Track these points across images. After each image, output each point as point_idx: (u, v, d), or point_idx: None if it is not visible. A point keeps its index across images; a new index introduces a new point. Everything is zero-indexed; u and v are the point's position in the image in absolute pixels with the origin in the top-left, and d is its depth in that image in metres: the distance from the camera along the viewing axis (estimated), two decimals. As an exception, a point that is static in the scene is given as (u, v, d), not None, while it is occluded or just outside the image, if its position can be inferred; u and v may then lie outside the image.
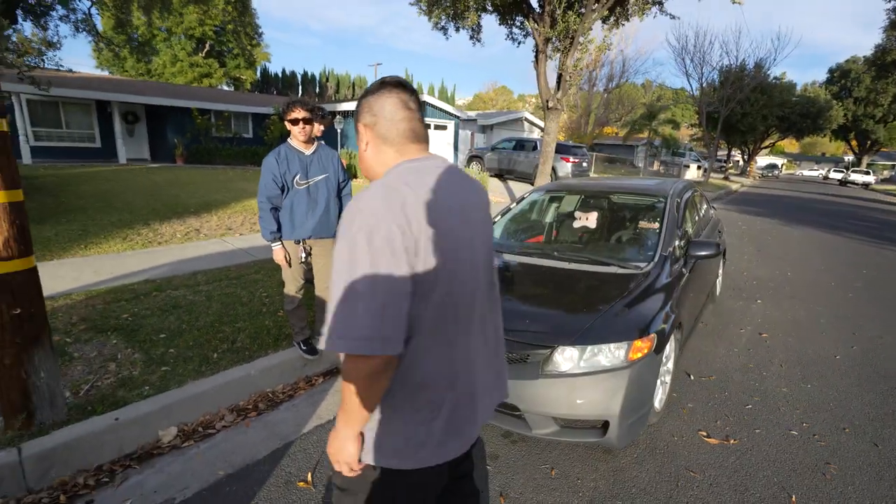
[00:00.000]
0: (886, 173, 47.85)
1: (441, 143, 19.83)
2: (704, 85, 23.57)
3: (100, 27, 15.53)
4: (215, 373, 2.86)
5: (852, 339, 3.98)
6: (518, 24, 9.41)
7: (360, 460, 1.04)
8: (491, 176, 15.46)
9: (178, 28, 30.77)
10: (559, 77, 8.67)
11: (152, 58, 30.84)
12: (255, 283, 4.45)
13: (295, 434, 2.50)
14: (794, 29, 40.89)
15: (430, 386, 1.03)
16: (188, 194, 9.13)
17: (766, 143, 36.17)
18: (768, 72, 25.24)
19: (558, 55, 8.64)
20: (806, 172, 52.18)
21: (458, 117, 20.36)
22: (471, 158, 17.44)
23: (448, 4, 8.52)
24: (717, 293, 4.84)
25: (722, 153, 35.95)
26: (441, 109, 19.36)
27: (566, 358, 2.20)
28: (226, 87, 35.44)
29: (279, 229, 2.90)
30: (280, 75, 45.12)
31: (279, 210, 2.90)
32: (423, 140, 1.11)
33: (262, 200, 2.85)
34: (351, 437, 1.02)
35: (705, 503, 2.03)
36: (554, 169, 14.10)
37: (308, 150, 2.93)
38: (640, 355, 2.20)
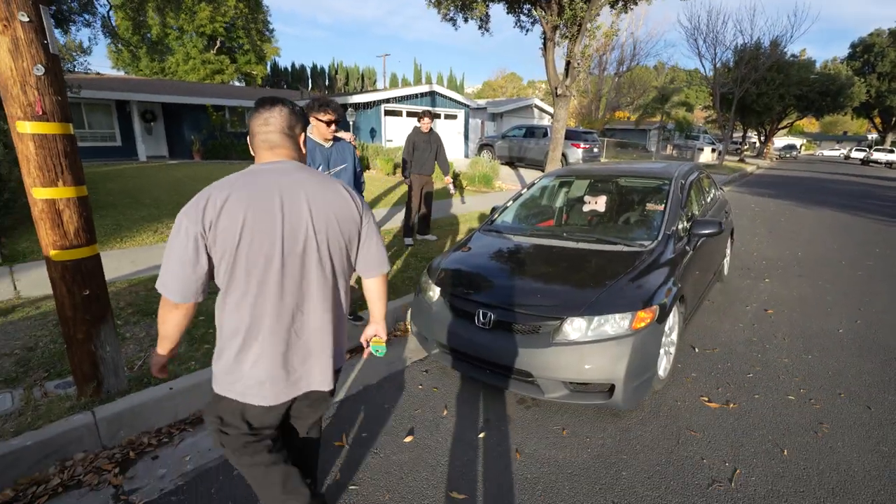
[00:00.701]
0: (912, 151, 46.26)
1: (451, 133, 19.91)
2: (718, 65, 23.12)
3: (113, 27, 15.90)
4: (253, 350, 3.13)
5: (857, 315, 4.10)
6: (526, 11, 9.44)
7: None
8: (502, 164, 15.55)
9: (189, 26, 31.14)
10: (567, 64, 8.72)
11: (166, 56, 31.32)
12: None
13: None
14: (812, 3, 39.46)
15: (224, 333, 1.39)
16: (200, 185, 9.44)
17: (784, 123, 35.31)
18: (785, 49, 24.61)
19: (566, 42, 8.68)
20: (826, 152, 50.81)
21: (467, 106, 20.39)
22: (481, 147, 17.52)
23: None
24: (726, 272, 4.97)
25: (737, 135, 35.24)
26: (450, 98, 19.41)
27: (575, 328, 2.40)
28: (237, 83, 35.84)
29: None
30: (290, 69, 45.38)
31: None
32: (277, 147, 1.42)
33: None
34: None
35: (703, 457, 2.23)
36: (565, 155, 14.13)
37: (327, 143, 3.16)
38: (643, 325, 2.39)
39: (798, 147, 46.47)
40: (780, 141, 45.94)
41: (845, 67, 33.28)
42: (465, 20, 9.36)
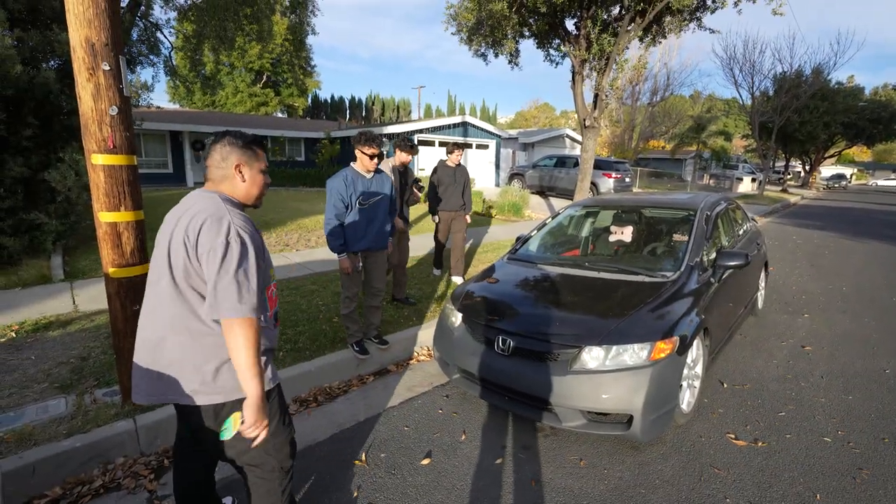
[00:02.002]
0: (977, 181, 43.19)
1: (483, 162, 20.26)
2: (756, 94, 22.67)
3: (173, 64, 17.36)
4: (281, 369, 3.28)
5: (905, 354, 3.86)
6: (555, 46, 9.72)
7: None
8: (533, 193, 15.64)
9: (239, 62, 33.57)
10: (595, 96, 8.85)
11: (218, 91, 33.75)
12: (311, 293, 4.91)
13: (350, 422, 2.84)
14: (858, 29, 38.28)
15: None
16: (249, 214, 9.97)
17: (831, 151, 33.88)
18: (829, 77, 23.90)
19: (595, 75, 8.84)
20: (881, 182, 48.04)
21: (499, 136, 20.77)
22: (512, 176, 17.72)
23: (487, 33, 8.99)
24: (760, 306, 4.80)
25: (780, 164, 34.04)
26: (482, 129, 19.85)
27: (593, 357, 2.42)
28: (279, 115, 38.00)
29: (345, 242, 3.32)
30: (329, 101, 47.74)
31: (343, 226, 3.32)
32: (208, 179, 1.60)
33: (331, 217, 3.28)
34: None
35: (726, 496, 2.16)
36: (595, 185, 14.10)
37: (369, 175, 3.37)
38: (662, 356, 2.38)
39: (848, 176, 44.28)
40: (827, 170, 43.96)
41: (896, 95, 31.83)
42: (496, 55, 9.73)
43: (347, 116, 45.72)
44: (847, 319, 4.74)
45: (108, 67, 2.20)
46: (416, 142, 4.44)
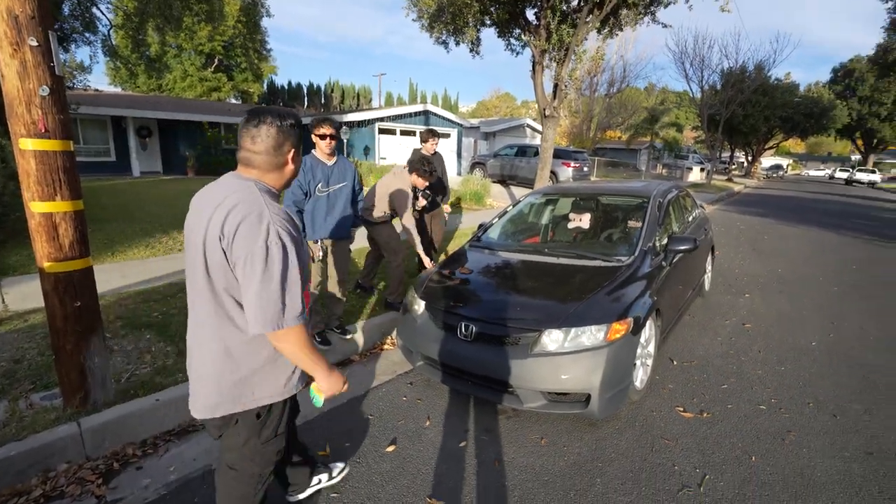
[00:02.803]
0: (894, 171, 47.49)
1: (444, 151, 20.16)
2: (705, 88, 23.81)
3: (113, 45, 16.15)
4: (240, 362, 3.18)
5: (830, 329, 4.23)
6: (516, 36, 9.78)
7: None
8: (494, 182, 15.78)
9: (188, 44, 31.65)
10: (555, 86, 9.01)
11: (164, 74, 31.73)
12: (271, 284, 4.78)
13: (312, 413, 2.79)
14: (796, 30, 41.01)
15: None
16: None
17: (770, 143, 36.20)
18: (769, 73, 25.43)
19: (554, 65, 8.99)
20: (812, 172, 51.97)
21: (461, 125, 20.77)
22: (473, 165, 17.81)
23: (448, 20, 8.92)
24: (707, 288, 5.10)
25: (725, 155, 36.02)
26: (443, 118, 19.77)
27: (553, 339, 2.50)
28: (234, 101, 36.27)
29: (304, 230, 3.23)
30: (286, 87, 46.02)
31: (302, 213, 3.24)
32: (249, 165, 1.41)
33: (289, 205, 3.17)
34: None
35: (674, 463, 2.31)
36: (555, 174, 14.40)
37: (330, 162, 3.29)
38: (618, 336, 2.49)
39: (784, 167, 47.50)
40: (767, 161, 46.96)
41: (828, 91, 34.38)
42: (457, 43, 9.68)
43: (305, 104, 44.28)
44: (783, 299, 5.12)
45: (35, 43, 2.02)
46: (429, 168, 4.15)
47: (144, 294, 4.35)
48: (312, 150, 3.26)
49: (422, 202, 4.59)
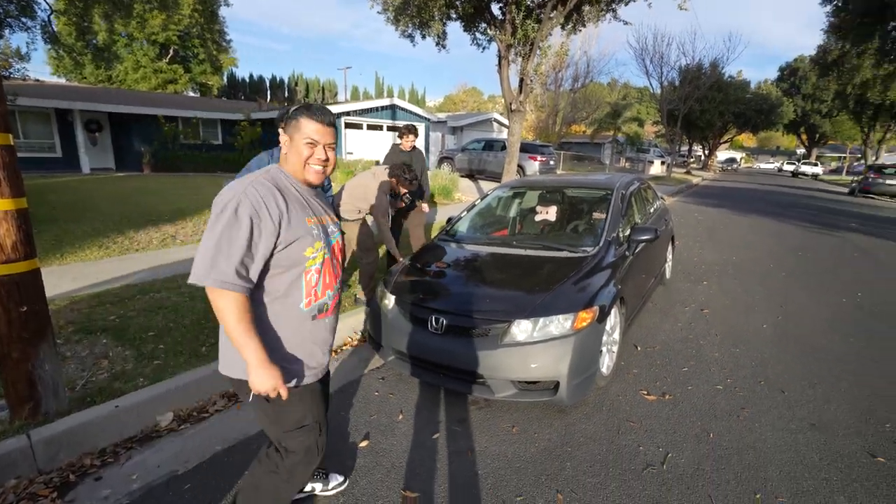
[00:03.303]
0: (834, 164, 50.82)
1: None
2: (665, 84, 24.66)
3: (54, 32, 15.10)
4: (204, 364, 3.08)
5: (779, 311, 4.50)
6: (481, 30, 9.81)
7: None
8: (462, 176, 15.84)
9: (140, 33, 29.98)
10: (521, 81, 9.12)
11: (114, 64, 29.96)
12: (236, 283, 4.63)
13: (283, 413, 2.75)
14: (747, 30, 43.10)
15: None
16: (160, 202, 9.12)
17: (725, 137, 38.00)
18: (723, 70, 26.59)
19: (520, 60, 9.09)
20: (762, 165, 54.92)
21: (428, 119, 20.68)
22: (441, 160, 17.80)
23: (414, 14, 8.85)
24: (668, 276, 5.32)
25: (684, 148, 37.51)
26: (410, 112, 19.64)
27: (522, 329, 2.55)
28: (192, 94, 34.73)
29: None
30: (248, 80, 44.47)
31: None
32: None
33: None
34: None
35: (639, 444, 2.41)
36: (522, 167, 14.60)
37: None
38: (584, 324, 2.56)
39: (738, 160, 49.98)
40: (722, 154, 49.25)
41: (775, 88, 36.29)
42: (423, 37, 9.61)
43: (268, 97, 42.95)
44: (737, 285, 5.40)
45: (-35, 28, 1.87)
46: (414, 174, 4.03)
47: (99, 297, 4.14)
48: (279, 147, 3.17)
49: (403, 204, 4.53)
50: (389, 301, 3.06)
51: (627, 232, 3.61)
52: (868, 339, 3.87)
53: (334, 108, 17.49)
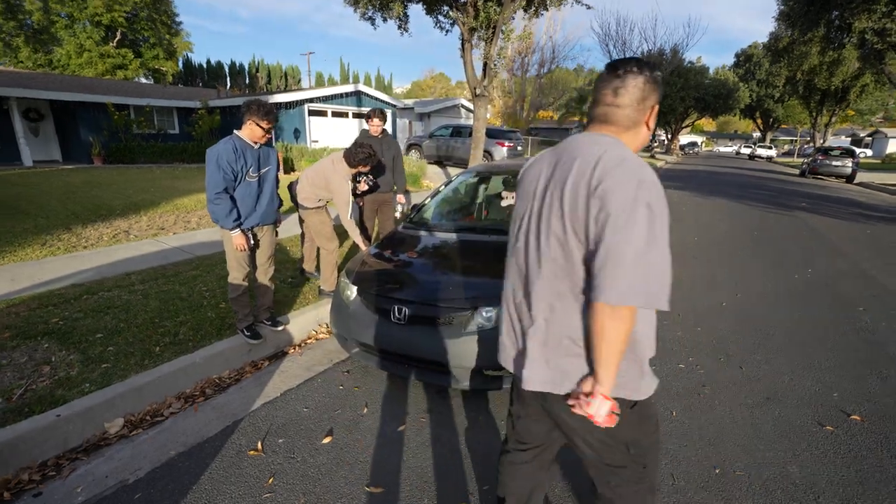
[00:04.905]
0: (787, 147, 53.34)
1: (381, 133, 19.76)
2: (628, 69, 25.06)
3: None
4: (158, 365, 2.92)
5: (737, 290, 4.67)
6: (444, 13, 9.62)
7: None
8: (430, 163, 15.70)
9: (81, 14, 27.96)
10: (485, 65, 9.02)
11: (53, 48, 27.90)
12: (193, 278, 4.43)
13: (244, 412, 2.64)
14: (704, 17, 44.17)
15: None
16: (111, 195, 8.61)
17: (687, 122, 39.13)
18: (683, 56, 27.25)
19: (483, 44, 8.97)
20: (722, 149, 57.09)
21: (394, 106, 20.33)
22: (409, 146, 17.57)
23: (373, -6, 8.57)
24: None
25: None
26: (376, 98, 19.25)
27: (485, 317, 2.51)
28: (144, 80, 32.87)
29: (239, 217, 3.03)
30: (205, 66, 42.45)
31: (234, 199, 3.02)
32: (594, 119, 1.28)
33: (220, 190, 2.90)
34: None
35: (604, 425, 2.44)
36: (490, 153, 14.59)
37: (256, 146, 3.06)
38: (548, 309, 2.55)
39: (699, 144, 51.66)
40: (684, 138, 50.80)
41: (732, 74, 37.51)
42: (385, 20, 9.34)
43: (228, 84, 41.16)
44: (698, 264, 5.58)
45: None
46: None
47: (41, 298, 3.86)
48: (236, 132, 3.01)
49: (363, 186, 4.38)
50: (352, 292, 2.97)
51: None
52: (815, 313, 4.06)
53: (297, 95, 16.92)
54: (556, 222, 1.17)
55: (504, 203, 4.27)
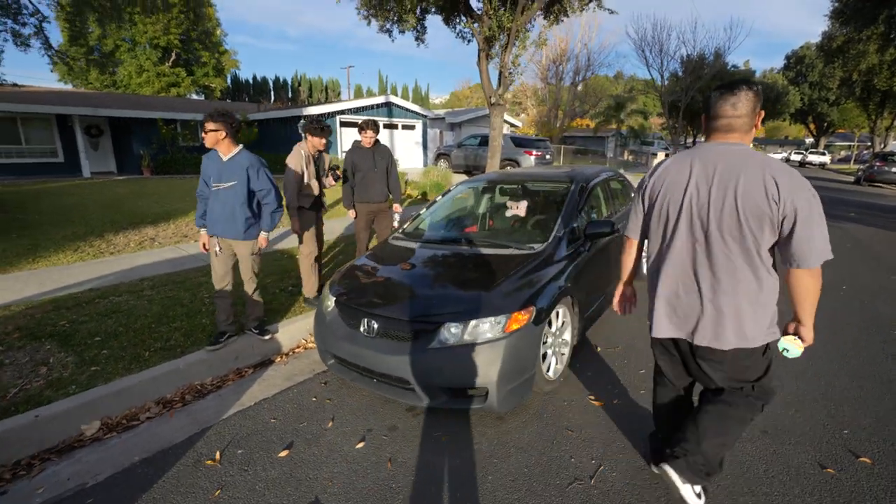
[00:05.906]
0: (843, 153, 49.54)
1: (409, 143, 20.00)
2: (665, 75, 24.19)
3: (60, 40, 15.25)
4: (144, 370, 3.01)
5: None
6: (461, 23, 9.62)
7: None
8: (459, 172, 15.71)
9: (142, 38, 30.28)
10: (500, 74, 8.92)
11: (117, 69, 30.34)
12: (199, 285, 4.57)
13: (214, 420, 2.66)
14: (749, 18, 42.02)
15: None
16: (150, 205, 9.14)
17: (732, 128, 37.04)
18: (726, 60, 25.97)
19: (499, 51, 8.88)
20: (770, 155, 53.67)
21: (425, 116, 20.55)
22: (438, 156, 17.67)
23: (388, 9, 8.68)
24: (644, 271, 5.11)
25: (690, 140, 36.80)
26: (406, 109, 19.52)
27: (451, 333, 2.42)
28: (195, 97, 35.05)
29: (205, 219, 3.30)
30: (251, 81, 44.77)
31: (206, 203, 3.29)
32: (717, 131, 1.71)
33: (197, 194, 3.29)
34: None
35: (572, 455, 2.26)
36: (517, 161, 14.42)
37: (225, 157, 3.13)
38: (517, 326, 2.42)
39: (748, 151, 48.78)
40: (730, 146, 48.15)
41: (781, 77, 35.38)
42: (401, 32, 9.45)
43: (272, 98, 43.20)
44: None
45: None
46: (325, 124, 3.97)
47: (57, 302, 4.09)
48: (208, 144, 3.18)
49: (331, 181, 4.21)
50: (330, 303, 2.96)
51: (580, 225, 3.44)
52: (844, 336, 3.67)
53: (330, 107, 17.45)
54: (728, 216, 1.57)
55: (509, 213, 4.15)
